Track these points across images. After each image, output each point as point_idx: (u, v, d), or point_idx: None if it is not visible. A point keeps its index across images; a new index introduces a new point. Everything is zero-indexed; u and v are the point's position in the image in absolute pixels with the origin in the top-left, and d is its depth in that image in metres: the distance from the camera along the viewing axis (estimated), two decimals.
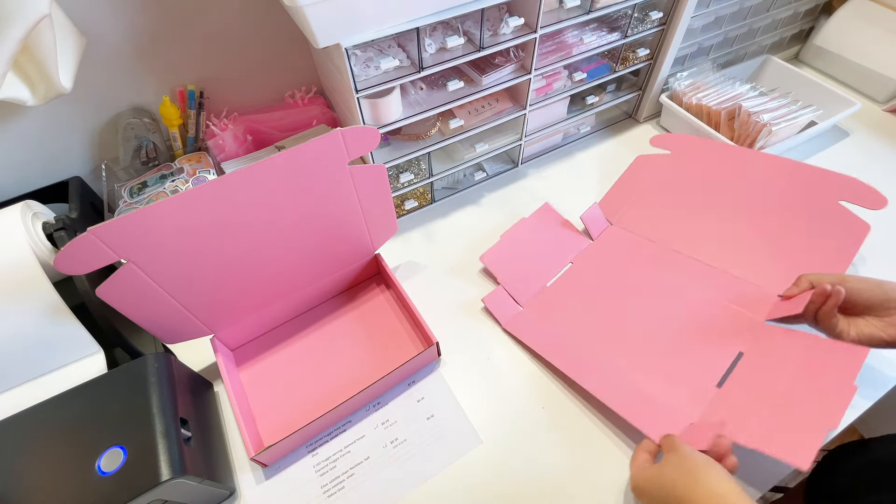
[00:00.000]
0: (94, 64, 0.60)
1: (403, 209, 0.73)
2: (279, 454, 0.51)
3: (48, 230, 0.50)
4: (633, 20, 0.70)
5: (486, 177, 0.78)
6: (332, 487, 0.50)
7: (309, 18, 0.45)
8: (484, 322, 0.62)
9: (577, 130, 0.82)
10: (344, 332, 0.61)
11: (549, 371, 0.57)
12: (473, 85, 0.64)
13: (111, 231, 0.40)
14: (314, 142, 0.45)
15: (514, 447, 0.52)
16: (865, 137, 0.81)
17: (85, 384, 0.44)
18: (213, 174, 0.67)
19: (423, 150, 0.65)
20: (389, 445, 0.52)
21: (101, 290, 0.43)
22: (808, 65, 0.95)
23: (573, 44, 0.67)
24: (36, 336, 0.47)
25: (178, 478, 0.39)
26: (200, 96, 0.68)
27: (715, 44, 0.83)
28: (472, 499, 0.49)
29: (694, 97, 0.78)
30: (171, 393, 0.44)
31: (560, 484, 0.49)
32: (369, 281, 0.66)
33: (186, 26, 0.63)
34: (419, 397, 0.55)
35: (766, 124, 0.71)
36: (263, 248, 0.50)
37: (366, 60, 0.56)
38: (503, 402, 0.55)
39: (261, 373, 0.58)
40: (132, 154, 0.68)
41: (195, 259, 0.46)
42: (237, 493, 0.49)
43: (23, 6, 0.45)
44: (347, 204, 0.53)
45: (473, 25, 0.58)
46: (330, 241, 0.56)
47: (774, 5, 0.83)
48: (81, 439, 0.41)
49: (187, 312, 0.50)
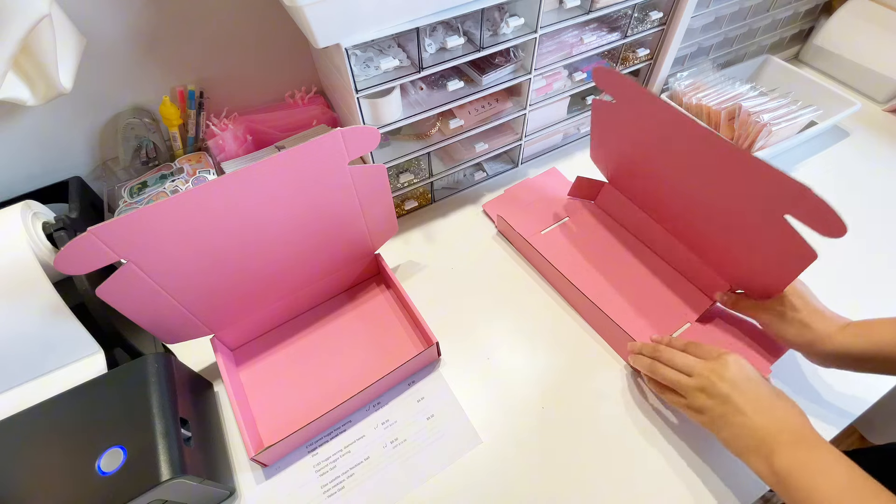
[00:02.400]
0: (94, 64, 0.60)
1: (403, 209, 0.73)
2: (279, 454, 0.51)
3: (48, 230, 0.50)
4: (633, 20, 0.70)
5: (486, 177, 0.78)
6: (332, 487, 0.50)
7: (309, 18, 0.45)
8: (485, 321, 0.62)
9: (577, 130, 0.82)
10: (344, 332, 0.61)
11: (549, 371, 0.57)
12: (473, 85, 0.64)
13: (111, 231, 0.40)
14: (314, 142, 0.45)
15: (514, 447, 0.52)
16: (865, 137, 0.81)
17: (85, 384, 0.44)
18: (213, 174, 0.67)
19: (423, 150, 0.65)
20: (389, 445, 0.52)
21: (101, 290, 0.43)
22: (808, 65, 0.95)
23: (573, 44, 0.67)
24: (36, 336, 0.47)
25: (178, 478, 0.39)
26: (200, 96, 0.68)
27: (715, 44, 0.83)
28: (472, 499, 0.49)
29: (694, 97, 0.78)
30: (171, 393, 0.44)
31: (560, 484, 0.49)
32: (369, 281, 0.66)
33: (186, 26, 0.63)
34: (419, 397, 0.55)
35: (766, 124, 0.71)
36: (263, 248, 0.50)
37: (366, 60, 0.56)
38: (503, 402, 0.55)
39: (261, 373, 0.58)
40: (132, 154, 0.68)
41: (195, 259, 0.46)
42: (237, 493, 0.49)
43: (23, 6, 0.45)
44: (347, 204, 0.53)
45: (473, 25, 0.58)
46: (330, 241, 0.56)
47: (774, 5, 0.83)
48: (81, 439, 0.41)
49: (187, 312, 0.50)
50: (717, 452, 0.50)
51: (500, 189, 0.77)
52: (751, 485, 0.48)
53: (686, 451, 0.50)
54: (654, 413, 0.53)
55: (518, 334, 0.60)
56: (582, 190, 0.72)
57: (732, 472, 0.49)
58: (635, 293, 0.62)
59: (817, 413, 0.52)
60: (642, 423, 0.52)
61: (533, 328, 0.61)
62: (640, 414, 0.53)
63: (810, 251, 0.45)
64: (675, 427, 0.52)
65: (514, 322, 0.61)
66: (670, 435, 0.51)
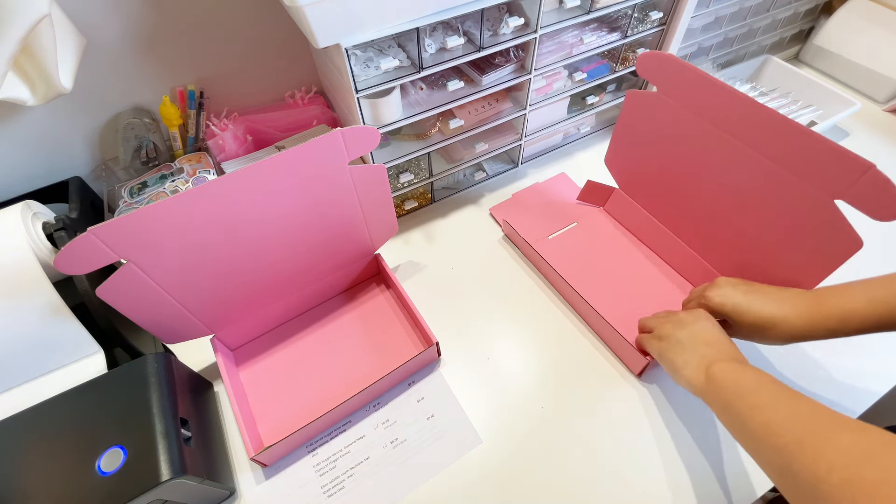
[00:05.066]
0: (94, 64, 0.60)
1: (403, 209, 0.73)
2: (279, 454, 0.51)
3: (48, 230, 0.50)
4: (633, 20, 0.70)
5: (486, 177, 0.78)
6: (332, 487, 0.50)
7: (309, 18, 0.45)
8: (485, 321, 0.62)
9: (577, 130, 0.82)
10: (344, 332, 0.61)
11: (549, 371, 0.57)
12: (473, 85, 0.64)
13: (111, 231, 0.40)
14: (314, 142, 0.45)
15: (514, 447, 0.52)
16: (865, 137, 0.81)
17: (85, 384, 0.44)
18: (213, 174, 0.67)
19: (423, 150, 0.65)
20: (389, 445, 0.52)
21: (101, 290, 0.43)
22: (808, 65, 0.95)
23: (573, 44, 0.67)
24: (36, 336, 0.47)
25: (178, 478, 0.39)
26: (200, 96, 0.68)
27: (715, 44, 0.83)
28: (472, 499, 0.49)
29: None
30: (171, 393, 0.44)
31: (560, 484, 0.49)
32: (369, 281, 0.66)
33: (186, 26, 0.63)
34: (419, 397, 0.55)
35: None
36: (263, 249, 0.50)
37: (366, 60, 0.56)
38: (503, 402, 0.55)
39: (261, 373, 0.58)
40: (132, 154, 0.68)
41: (195, 259, 0.46)
42: (237, 493, 0.49)
43: (23, 6, 0.45)
44: (347, 204, 0.53)
45: (473, 25, 0.58)
46: (330, 241, 0.56)
47: (774, 5, 0.83)
48: (81, 439, 0.41)
49: (187, 312, 0.50)
50: (718, 454, 0.50)
51: (500, 189, 0.77)
52: (751, 485, 0.48)
53: (686, 451, 0.50)
54: (654, 414, 0.53)
55: (518, 334, 0.60)
56: (591, 195, 0.72)
57: (733, 473, 0.49)
58: (640, 300, 0.61)
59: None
60: (642, 423, 0.52)
61: (533, 328, 0.61)
62: (641, 414, 0.53)
63: (857, 239, 0.44)
64: (676, 428, 0.52)
65: (515, 322, 0.61)
66: (671, 436, 0.51)
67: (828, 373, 0.55)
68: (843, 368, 0.55)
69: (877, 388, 0.54)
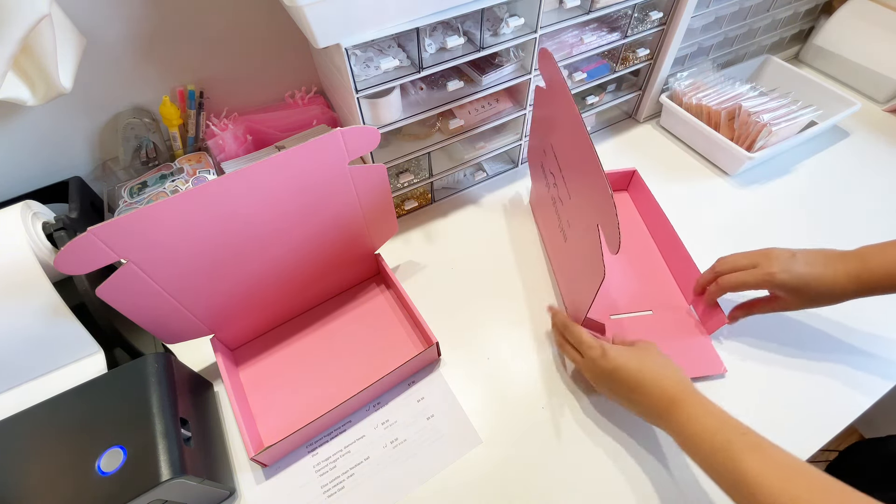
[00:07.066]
0: (94, 64, 0.60)
1: (403, 209, 0.73)
2: (279, 454, 0.51)
3: (48, 230, 0.50)
4: (633, 20, 0.70)
5: (486, 177, 0.78)
6: (332, 487, 0.50)
7: (309, 18, 0.45)
8: (484, 321, 0.62)
9: None
10: (344, 332, 0.61)
11: (549, 371, 0.57)
12: (473, 85, 0.64)
13: (111, 231, 0.40)
14: (314, 142, 0.45)
15: (514, 447, 0.52)
16: (865, 137, 0.81)
17: (85, 384, 0.44)
18: (213, 174, 0.67)
19: (423, 150, 0.65)
20: (389, 445, 0.52)
21: (101, 290, 0.43)
22: (808, 65, 0.95)
23: (573, 44, 0.67)
24: (36, 336, 0.47)
25: (178, 478, 0.39)
26: (200, 96, 0.68)
27: (715, 44, 0.83)
28: (472, 499, 0.49)
29: (694, 97, 0.78)
30: (171, 393, 0.44)
31: (560, 484, 0.49)
32: (369, 281, 0.66)
33: (186, 26, 0.63)
34: (419, 397, 0.55)
35: (766, 124, 0.71)
36: (263, 248, 0.50)
37: (366, 60, 0.56)
38: (503, 402, 0.55)
39: (261, 373, 0.58)
40: (132, 154, 0.68)
41: (195, 259, 0.46)
42: (237, 493, 0.49)
43: (23, 6, 0.45)
44: (347, 204, 0.53)
45: (473, 25, 0.58)
46: (330, 240, 0.55)
47: (774, 5, 0.83)
48: (81, 439, 0.41)
49: (187, 312, 0.50)
50: None
51: (501, 189, 0.77)
52: None
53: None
54: None
55: (518, 334, 0.60)
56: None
57: None
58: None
59: (818, 412, 0.52)
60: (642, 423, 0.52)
61: (533, 328, 0.61)
62: None
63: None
64: None
65: (514, 322, 0.61)
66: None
67: (828, 374, 0.55)
68: (843, 367, 0.55)
69: (877, 389, 0.54)
